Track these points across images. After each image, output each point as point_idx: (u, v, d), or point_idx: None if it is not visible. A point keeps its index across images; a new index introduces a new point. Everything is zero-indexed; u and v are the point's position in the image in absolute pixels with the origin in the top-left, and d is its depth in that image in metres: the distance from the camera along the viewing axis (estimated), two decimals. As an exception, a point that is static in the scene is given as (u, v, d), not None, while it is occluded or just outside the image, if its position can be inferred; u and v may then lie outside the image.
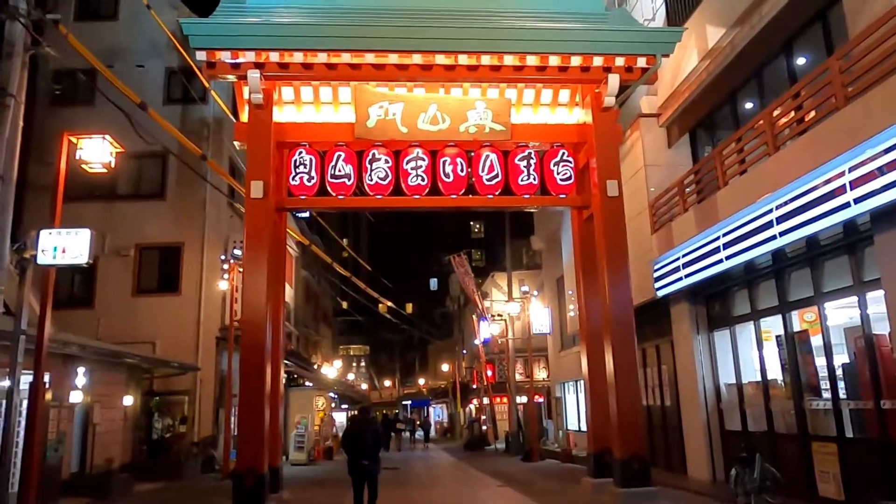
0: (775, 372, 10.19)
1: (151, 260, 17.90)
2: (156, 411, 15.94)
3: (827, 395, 8.89)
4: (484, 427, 30.35)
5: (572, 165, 11.82)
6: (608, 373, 10.66)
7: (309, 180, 11.36)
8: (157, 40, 18.77)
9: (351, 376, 59.73)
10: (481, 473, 16.76)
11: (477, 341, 29.66)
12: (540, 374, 30.39)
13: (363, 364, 72.26)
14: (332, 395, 31.85)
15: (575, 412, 21.63)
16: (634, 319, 10.67)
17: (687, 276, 11.10)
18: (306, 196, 11.39)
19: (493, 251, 51.15)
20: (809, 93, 8.50)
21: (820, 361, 9.08)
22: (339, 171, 11.37)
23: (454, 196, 11.55)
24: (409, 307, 40.95)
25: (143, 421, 16.00)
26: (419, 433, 35.72)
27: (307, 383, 23.37)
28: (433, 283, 67.53)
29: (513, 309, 23.22)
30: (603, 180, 11.09)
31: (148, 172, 18.42)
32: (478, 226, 64.83)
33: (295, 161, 11.39)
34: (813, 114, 8.45)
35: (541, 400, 26.30)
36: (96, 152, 8.56)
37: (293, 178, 11.36)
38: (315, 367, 27.20)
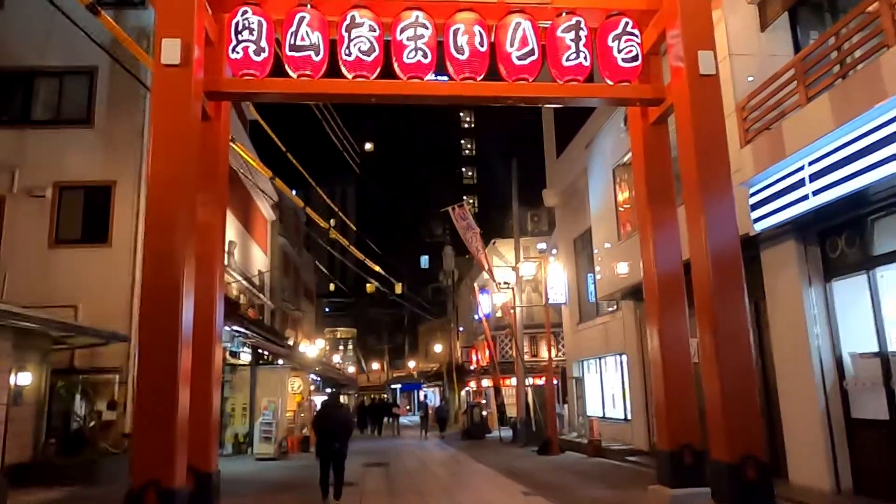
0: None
1: (74, 202, 14.07)
2: (67, 393, 12.24)
3: None
4: (484, 412, 26.91)
5: (638, 42, 8.19)
6: (704, 339, 7.15)
7: (257, 53, 7.65)
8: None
9: (337, 358, 56.36)
10: (493, 471, 13.28)
11: (479, 315, 26.13)
12: (546, 352, 26.96)
13: (350, 347, 69.04)
14: (313, 376, 28.29)
15: (598, 395, 18.20)
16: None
17: (818, 192, 7.53)
18: (254, 75, 7.69)
19: (489, 223, 47.57)
20: None
21: None
22: (303, 40, 7.68)
23: (470, 81, 7.91)
24: (399, 287, 37.40)
25: (57, 406, 12.35)
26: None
27: (279, 361, 19.78)
28: (424, 261, 64.26)
29: (528, 270, 19.63)
30: (692, 52, 7.54)
31: (71, 92, 14.56)
32: (472, 199, 61.33)
33: (237, 25, 7.67)
34: None
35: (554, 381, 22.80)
36: None
37: (234, 51, 7.65)
38: (289, 341, 23.56)
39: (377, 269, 20.47)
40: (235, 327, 14.80)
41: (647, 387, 14.46)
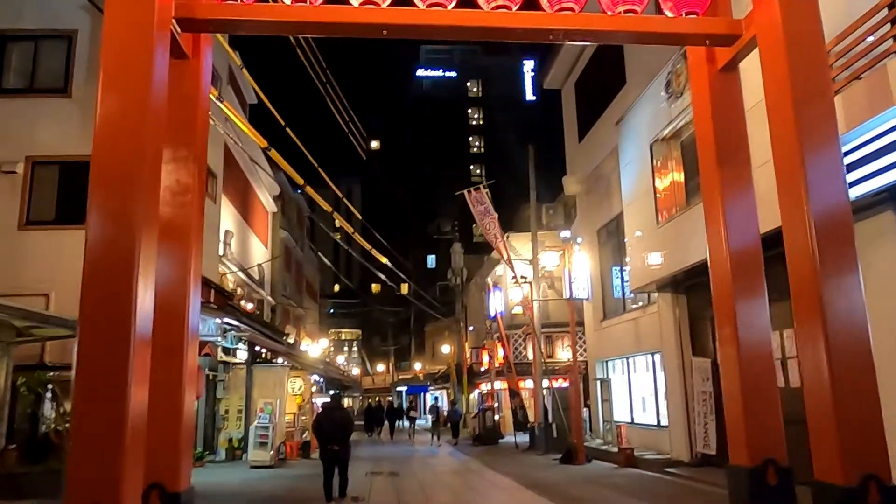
0: None
1: (48, 179, 12.62)
2: (30, 392, 10.77)
3: None
4: (496, 416, 25.35)
5: (709, -33, 6.68)
6: (805, 331, 5.59)
7: (242, -28, 6.18)
8: None
9: (341, 360, 55.02)
10: (515, 483, 11.72)
11: (492, 313, 24.60)
12: (563, 353, 25.43)
13: (355, 349, 67.79)
14: (316, 378, 26.79)
15: (626, 398, 16.65)
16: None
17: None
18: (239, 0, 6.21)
19: (500, 218, 46.11)
20: None
21: None
22: (298, -44, 6.20)
23: (505, 9, 6.41)
24: (405, 287, 35.95)
25: (20, 407, 10.90)
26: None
27: (279, 360, 18.30)
28: (431, 261, 62.84)
29: (550, 260, 18.08)
30: (786, -31, 6.00)
31: (47, 59, 13.13)
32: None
33: (216, -62, 6.21)
34: None
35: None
36: None
37: (214, -31, 6.19)
38: (288, 338, 22.05)
39: (384, 260, 18.94)
40: (227, 320, 13.34)
41: (688, 389, 12.94)
